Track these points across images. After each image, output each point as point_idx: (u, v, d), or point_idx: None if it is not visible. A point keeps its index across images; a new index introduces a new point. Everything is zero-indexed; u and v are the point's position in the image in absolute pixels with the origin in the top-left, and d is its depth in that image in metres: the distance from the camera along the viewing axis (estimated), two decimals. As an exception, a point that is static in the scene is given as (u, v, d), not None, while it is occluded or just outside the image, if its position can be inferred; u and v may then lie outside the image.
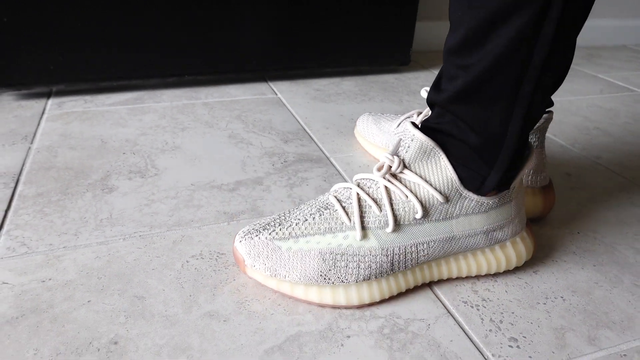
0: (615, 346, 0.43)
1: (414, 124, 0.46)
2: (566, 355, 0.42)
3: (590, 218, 0.62)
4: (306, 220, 0.48)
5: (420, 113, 0.69)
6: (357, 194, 0.48)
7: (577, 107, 1.00)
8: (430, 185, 0.46)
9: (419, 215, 0.46)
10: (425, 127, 0.47)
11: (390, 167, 0.47)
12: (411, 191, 0.46)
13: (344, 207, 0.48)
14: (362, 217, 0.47)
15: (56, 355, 0.39)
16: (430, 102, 0.47)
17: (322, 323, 0.44)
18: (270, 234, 0.47)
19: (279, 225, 0.48)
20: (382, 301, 0.47)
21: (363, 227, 0.47)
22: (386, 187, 0.47)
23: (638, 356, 0.43)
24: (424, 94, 0.61)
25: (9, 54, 0.85)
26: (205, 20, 0.93)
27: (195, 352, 0.41)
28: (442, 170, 0.46)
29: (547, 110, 0.58)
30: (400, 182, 0.47)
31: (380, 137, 0.72)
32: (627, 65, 1.32)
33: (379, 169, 0.47)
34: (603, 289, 0.50)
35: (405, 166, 0.47)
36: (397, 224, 0.46)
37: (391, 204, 0.46)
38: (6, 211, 0.57)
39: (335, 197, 0.49)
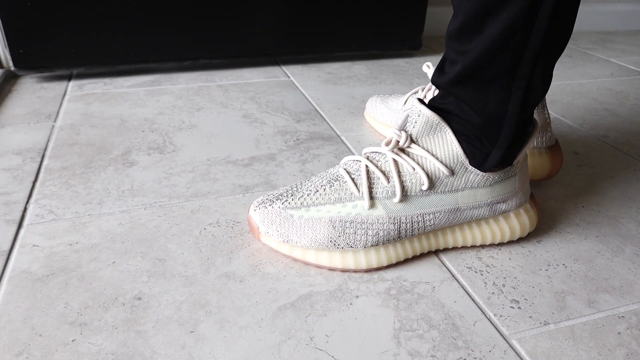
0: (614, 309, 0.45)
1: (420, 100, 0.48)
2: (565, 316, 0.44)
3: (595, 193, 0.64)
4: (317, 191, 0.50)
5: (424, 88, 0.71)
6: (366, 166, 0.50)
7: (588, 89, 1.01)
8: (437, 158, 0.48)
9: (425, 186, 0.48)
10: (431, 106, 0.49)
11: (398, 141, 0.49)
12: (418, 164, 0.48)
13: (353, 179, 0.50)
14: (370, 188, 0.49)
15: (84, 308, 0.43)
16: (434, 83, 0.49)
17: (332, 284, 0.47)
18: (283, 203, 0.50)
19: (291, 195, 0.50)
20: (390, 266, 0.49)
21: (371, 197, 0.49)
22: (394, 159, 0.49)
23: (635, 318, 0.44)
24: (425, 69, 0.63)
25: (32, 38, 0.88)
26: (219, 5, 0.95)
27: (213, 307, 0.43)
28: (448, 144, 0.47)
29: None
30: (408, 155, 0.49)
31: (389, 115, 0.74)
32: (639, 49, 1.32)
33: (387, 144, 0.49)
34: (604, 258, 0.52)
35: (412, 141, 0.48)
36: (405, 195, 0.48)
37: (399, 176, 0.48)
38: (34, 182, 0.60)
39: (345, 169, 0.51)
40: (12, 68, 0.91)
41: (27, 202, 0.57)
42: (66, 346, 0.39)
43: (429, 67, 0.66)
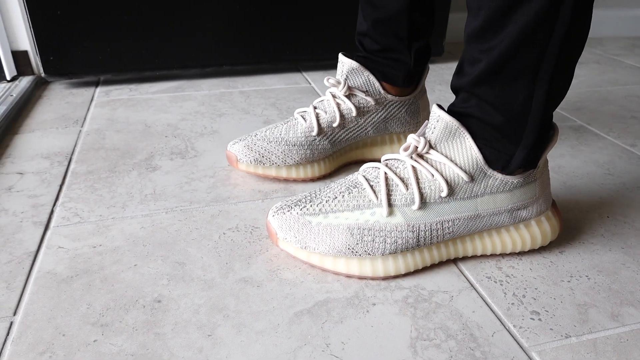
0: (639, 323, 0.44)
1: (439, 105, 0.48)
2: (588, 329, 0.43)
3: (621, 203, 0.62)
4: (335, 198, 0.50)
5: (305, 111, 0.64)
6: (385, 173, 0.50)
7: (615, 96, 0.98)
8: (456, 164, 0.47)
9: (444, 193, 0.48)
10: (450, 111, 0.49)
11: (417, 147, 0.48)
12: (437, 170, 0.48)
13: (371, 186, 0.50)
14: (389, 195, 0.49)
15: (106, 310, 0.44)
16: (454, 87, 0.49)
17: (349, 291, 0.47)
18: (301, 209, 0.50)
19: (310, 202, 0.51)
20: (407, 274, 0.49)
21: (390, 205, 0.49)
22: (413, 166, 0.49)
23: (662, 333, 0.43)
24: (325, 82, 0.63)
25: (62, 46, 0.91)
26: (241, 13, 0.97)
27: (230, 312, 0.44)
28: (467, 150, 0.47)
29: None
30: (427, 162, 0.48)
31: (294, 150, 0.63)
32: (671, 55, 1.28)
33: (406, 150, 0.49)
34: (630, 270, 0.50)
35: (431, 146, 0.48)
36: (423, 202, 0.48)
37: (418, 183, 0.48)
38: (61, 186, 0.62)
39: (364, 176, 0.51)
40: (43, 74, 0.94)
41: (54, 204, 0.59)
42: (88, 346, 0.40)
43: (327, 81, 0.63)
